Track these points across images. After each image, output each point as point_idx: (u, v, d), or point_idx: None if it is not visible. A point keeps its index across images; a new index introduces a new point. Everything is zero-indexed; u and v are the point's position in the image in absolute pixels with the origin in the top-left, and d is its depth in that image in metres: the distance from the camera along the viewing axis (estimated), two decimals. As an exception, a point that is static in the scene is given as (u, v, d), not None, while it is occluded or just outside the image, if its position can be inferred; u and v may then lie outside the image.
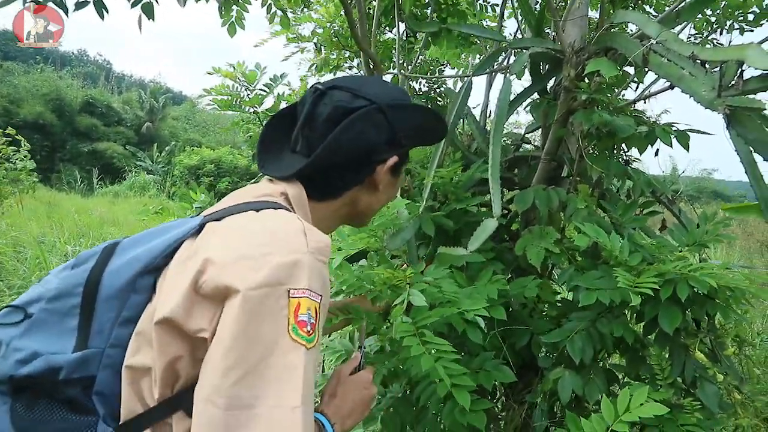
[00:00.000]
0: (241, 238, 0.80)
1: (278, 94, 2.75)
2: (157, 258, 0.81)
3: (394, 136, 0.97)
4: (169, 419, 0.76)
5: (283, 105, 2.97)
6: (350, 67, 3.54)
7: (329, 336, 2.20)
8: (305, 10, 3.04)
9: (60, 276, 0.83)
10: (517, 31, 2.17)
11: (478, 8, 2.86)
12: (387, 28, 2.85)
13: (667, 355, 1.50)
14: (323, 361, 2.47)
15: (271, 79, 2.59)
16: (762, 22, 1.79)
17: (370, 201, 1.04)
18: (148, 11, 2.20)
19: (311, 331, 0.75)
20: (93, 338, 0.78)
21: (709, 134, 1.56)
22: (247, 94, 2.59)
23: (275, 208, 0.87)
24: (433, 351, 1.26)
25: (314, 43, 3.20)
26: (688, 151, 1.46)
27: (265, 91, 2.64)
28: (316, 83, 1.00)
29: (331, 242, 0.86)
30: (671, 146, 1.49)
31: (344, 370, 1.05)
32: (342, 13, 3.01)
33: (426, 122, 1.05)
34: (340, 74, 3.58)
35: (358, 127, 0.93)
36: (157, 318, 0.74)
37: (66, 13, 2.03)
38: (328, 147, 0.93)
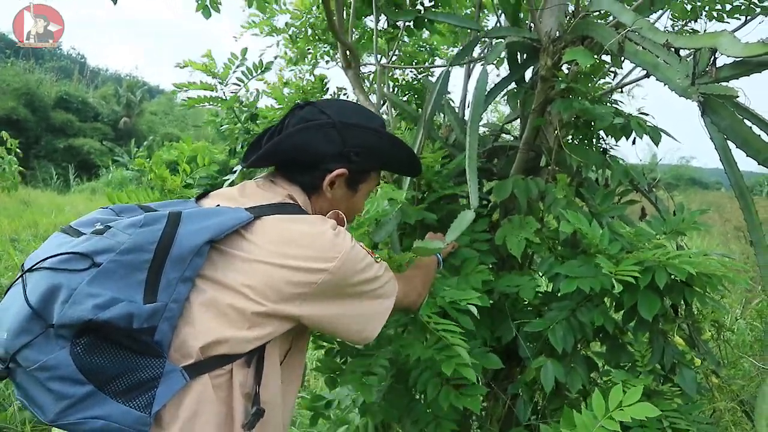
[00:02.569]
0: (303, 238, 0.99)
1: (256, 90, 2.71)
2: (223, 233, 0.93)
3: (343, 150, 1.10)
4: (230, 366, 0.93)
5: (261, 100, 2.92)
6: (327, 62, 3.48)
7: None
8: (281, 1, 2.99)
9: (128, 231, 0.89)
10: (497, 21, 2.15)
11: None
12: (365, 16, 2.81)
13: (646, 342, 1.51)
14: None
15: (251, 67, 2.54)
16: (735, 15, 1.79)
17: (324, 209, 1.15)
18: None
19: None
20: (161, 293, 0.86)
21: (678, 141, 1.60)
22: (222, 89, 2.55)
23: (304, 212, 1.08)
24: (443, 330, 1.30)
25: (289, 35, 3.14)
26: (657, 146, 1.48)
27: (238, 84, 2.61)
28: (298, 101, 1.16)
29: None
30: (642, 138, 1.51)
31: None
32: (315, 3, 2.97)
33: (381, 147, 1.17)
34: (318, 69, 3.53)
35: (308, 133, 1.08)
36: (266, 310, 0.94)
37: None
38: (278, 141, 1.08)
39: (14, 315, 0.82)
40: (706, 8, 1.84)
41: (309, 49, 3.21)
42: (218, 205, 1.04)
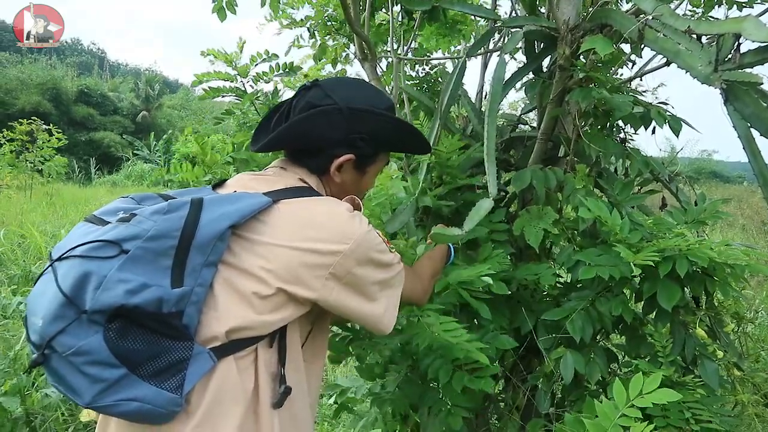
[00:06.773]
0: (320, 219, 1.01)
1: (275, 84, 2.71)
2: (244, 218, 0.95)
3: (347, 136, 1.10)
4: (254, 346, 0.96)
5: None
6: (346, 56, 3.47)
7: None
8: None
9: (153, 218, 0.91)
10: (512, 10, 2.13)
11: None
12: (381, 8, 2.79)
13: (666, 332, 1.50)
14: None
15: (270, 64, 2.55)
16: (759, 1, 1.75)
17: (334, 191, 1.17)
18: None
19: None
20: (187, 278, 0.89)
21: (698, 131, 1.57)
22: (242, 80, 2.56)
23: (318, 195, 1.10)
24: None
25: (307, 28, 3.14)
26: (678, 136, 1.46)
27: (261, 78, 2.61)
28: (306, 82, 1.16)
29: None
30: (662, 128, 1.49)
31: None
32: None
33: (387, 130, 1.17)
34: (339, 66, 3.52)
35: (313, 120, 1.09)
36: (285, 293, 0.96)
37: None
38: (285, 129, 1.09)
39: (48, 302, 0.84)
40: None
41: (328, 39, 3.20)
42: (235, 191, 1.05)
